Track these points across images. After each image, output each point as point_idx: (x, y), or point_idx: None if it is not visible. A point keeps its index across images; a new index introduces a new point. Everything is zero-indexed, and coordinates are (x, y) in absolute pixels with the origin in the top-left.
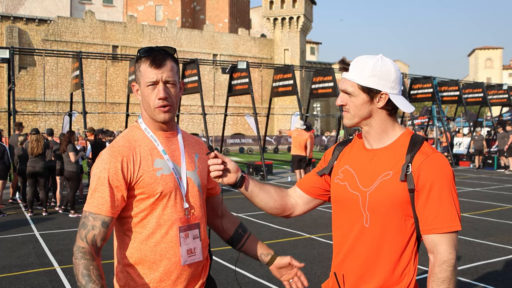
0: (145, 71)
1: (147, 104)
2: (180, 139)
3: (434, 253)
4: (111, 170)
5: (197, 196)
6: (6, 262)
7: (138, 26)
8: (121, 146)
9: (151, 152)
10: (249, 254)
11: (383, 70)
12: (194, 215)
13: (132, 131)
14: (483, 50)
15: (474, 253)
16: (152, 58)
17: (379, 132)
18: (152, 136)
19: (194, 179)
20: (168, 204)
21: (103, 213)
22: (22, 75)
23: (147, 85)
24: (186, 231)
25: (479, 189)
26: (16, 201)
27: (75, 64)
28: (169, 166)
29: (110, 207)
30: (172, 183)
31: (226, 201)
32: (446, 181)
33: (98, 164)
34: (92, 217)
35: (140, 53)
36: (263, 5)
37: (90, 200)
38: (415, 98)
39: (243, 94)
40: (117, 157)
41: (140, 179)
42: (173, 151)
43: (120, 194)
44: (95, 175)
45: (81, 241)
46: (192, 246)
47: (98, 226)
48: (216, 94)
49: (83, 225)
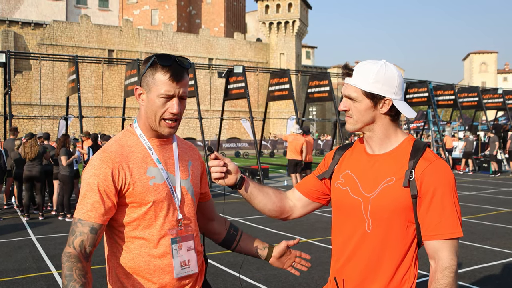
0: (161, 82)
1: (153, 114)
2: (175, 147)
3: (435, 259)
4: (101, 176)
5: (191, 206)
6: (3, 266)
7: (134, 30)
8: (113, 151)
9: (144, 160)
10: (245, 252)
11: (387, 76)
12: (189, 226)
13: (126, 136)
14: (478, 54)
15: (471, 257)
16: (172, 71)
17: (382, 138)
18: (147, 143)
19: (188, 187)
20: (160, 214)
21: (92, 219)
22: (18, 79)
23: (160, 96)
24: (180, 243)
25: (475, 193)
26: (11, 206)
27: (71, 68)
28: (162, 175)
29: (99, 213)
30: (164, 193)
31: (222, 206)
32: (449, 187)
33: (89, 169)
34: (80, 223)
35: (158, 61)
36: (259, 9)
37: (80, 207)
38: (411, 102)
39: (239, 98)
40: (108, 163)
41: (132, 187)
42: (167, 159)
43: (110, 201)
44: (85, 180)
45: (68, 247)
46: (186, 258)
47: (87, 232)
48: (212, 98)
49: (72, 232)
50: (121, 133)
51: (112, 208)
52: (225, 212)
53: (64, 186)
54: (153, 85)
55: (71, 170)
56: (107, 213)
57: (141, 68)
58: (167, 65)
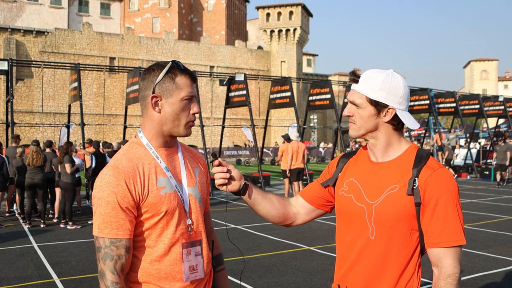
0: (185, 85)
1: (175, 118)
2: (181, 155)
3: (439, 266)
4: (119, 194)
5: (198, 212)
6: (5, 274)
7: (135, 38)
8: (125, 166)
9: (154, 170)
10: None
11: (392, 85)
12: (197, 231)
13: (133, 147)
14: (478, 62)
15: (473, 264)
16: (190, 74)
17: (385, 146)
18: (154, 152)
19: (195, 194)
20: (172, 222)
21: (124, 237)
22: (19, 86)
23: (184, 99)
24: (188, 248)
25: (477, 201)
26: (13, 213)
27: (73, 76)
28: (172, 183)
29: (127, 229)
30: (175, 201)
31: (223, 213)
32: (452, 195)
33: (104, 187)
34: (114, 246)
35: (176, 65)
36: (260, 17)
37: (103, 226)
38: (412, 110)
39: (240, 106)
40: (123, 179)
41: (146, 199)
42: (175, 167)
43: (132, 215)
44: (102, 199)
45: (113, 275)
46: (194, 263)
47: (124, 254)
48: (214, 106)
49: (107, 256)
50: (127, 145)
51: (134, 222)
52: (227, 219)
53: (66, 194)
54: (175, 89)
55: (73, 178)
56: (132, 227)
57: (149, 77)
58: (183, 68)
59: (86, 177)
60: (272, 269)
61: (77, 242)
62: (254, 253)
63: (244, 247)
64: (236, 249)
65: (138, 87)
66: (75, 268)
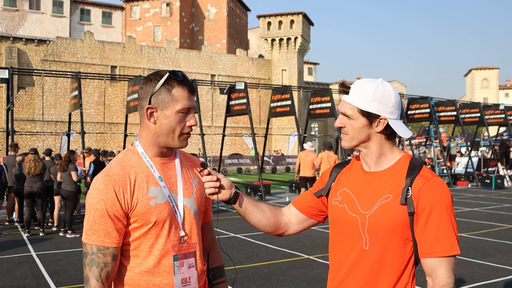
0: (181, 97)
1: (170, 130)
2: (178, 164)
3: (433, 276)
4: (108, 201)
5: (193, 224)
6: (2, 283)
7: (136, 47)
8: (116, 174)
9: (146, 180)
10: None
11: (383, 95)
12: (190, 243)
13: (128, 155)
14: (479, 71)
15: (473, 273)
16: (188, 85)
17: (378, 155)
18: (149, 161)
19: (191, 206)
20: (162, 233)
21: (111, 245)
22: (21, 95)
23: (180, 112)
24: (181, 260)
25: (477, 209)
26: (12, 222)
27: (74, 84)
28: (164, 193)
29: (114, 237)
30: (166, 212)
31: (223, 222)
32: (445, 205)
33: (94, 194)
34: (102, 253)
35: (173, 76)
36: (261, 26)
37: (90, 232)
38: (412, 118)
39: (241, 115)
40: (113, 186)
41: (134, 208)
42: (170, 177)
43: (121, 224)
44: (92, 205)
45: (97, 282)
46: (187, 275)
47: (110, 261)
48: (214, 114)
49: (94, 263)
50: (122, 153)
51: (123, 230)
52: (226, 228)
53: (67, 202)
54: (170, 101)
55: (76, 186)
56: (120, 236)
57: (146, 86)
58: (181, 80)
59: (86, 185)
60: (271, 278)
61: (75, 251)
62: (253, 262)
63: (243, 256)
64: (232, 258)
65: (137, 95)
66: (73, 277)
